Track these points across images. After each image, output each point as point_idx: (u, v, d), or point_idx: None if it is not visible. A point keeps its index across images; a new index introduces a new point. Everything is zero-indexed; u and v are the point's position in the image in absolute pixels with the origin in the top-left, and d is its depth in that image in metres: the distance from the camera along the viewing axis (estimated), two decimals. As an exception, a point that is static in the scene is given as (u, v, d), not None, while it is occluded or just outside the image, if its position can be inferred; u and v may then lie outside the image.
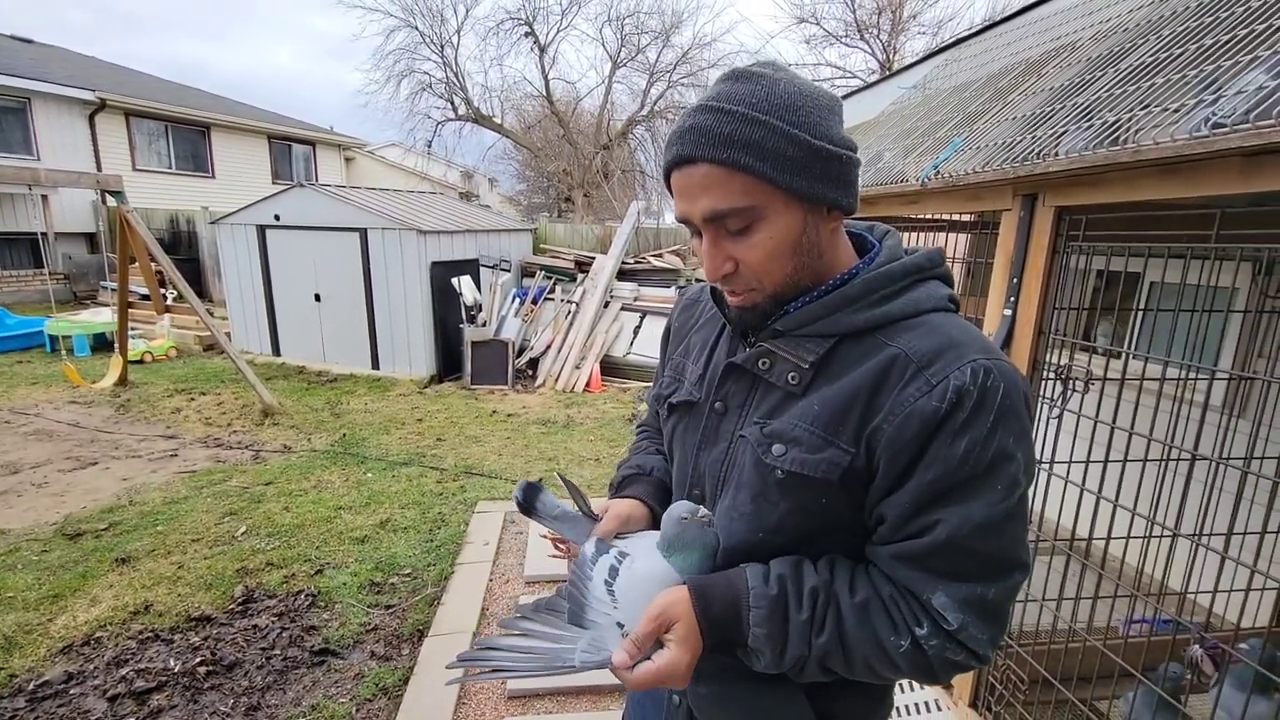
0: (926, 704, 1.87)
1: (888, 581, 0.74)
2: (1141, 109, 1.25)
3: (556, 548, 0.98)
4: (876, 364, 0.73)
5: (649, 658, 0.71)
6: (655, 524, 0.94)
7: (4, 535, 3.49)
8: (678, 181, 0.75)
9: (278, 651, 2.61)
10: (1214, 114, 1.13)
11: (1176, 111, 1.18)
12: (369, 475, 4.48)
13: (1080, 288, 1.49)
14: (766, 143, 0.69)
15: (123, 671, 2.45)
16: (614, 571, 0.78)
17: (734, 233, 0.74)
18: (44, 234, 8.33)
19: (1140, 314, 1.52)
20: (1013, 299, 1.43)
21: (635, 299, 7.92)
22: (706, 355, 0.92)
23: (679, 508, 0.76)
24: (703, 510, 0.75)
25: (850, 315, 0.76)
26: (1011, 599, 0.71)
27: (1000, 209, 1.50)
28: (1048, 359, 1.43)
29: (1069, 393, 1.38)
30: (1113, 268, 1.49)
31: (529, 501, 0.92)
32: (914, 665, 0.71)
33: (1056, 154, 1.26)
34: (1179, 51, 1.40)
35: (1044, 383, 1.43)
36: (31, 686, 2.37)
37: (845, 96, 6.47)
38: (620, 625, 0.74)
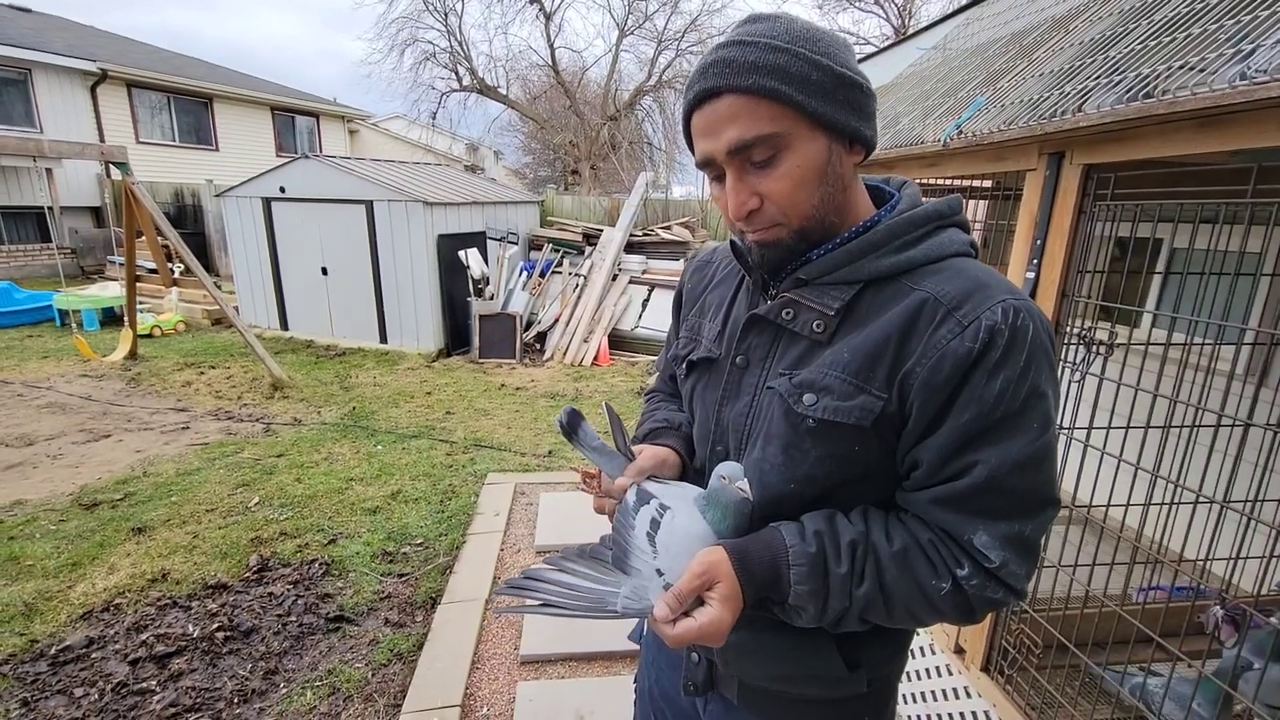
0: (938, 669, 1.88)
1: (924, 527, 0.74)
2: (1177, 61, 1.20)
3: (585, 482, 0.97)
4: (905, 308, 0.73)
5: (689, 614, 0.71)
6: (685, 474, 0.93)
7: (21, 505, 3.54)
8: (700, 121, 0.74)
9: (293, 618, 2.66)
10: (1249, 67, 1.08)
11: (1204, 71, 1.14)
12: (379, 448, 4.51)
13: (1103, 251, 1.46)
14: (791, 67, 0.70)
15: (143, 636, 2.50)
16: (655, 524, 0.78)
17: (759, 165, 0.73)
18: (50, 208, 8.31)
19: (1165, 278, 1.49)
20: (1036, 261, 1.40)
21: (644, 272, 7.86)
22: (725, 312, 0.91)
23: (725, 467, 0.76)
24: (743, 484, 0.74)
25: (874, 261, 0.76)
26: (1044, 534, 0.73)
27: (1025, 169, 1.45)
28: (1070, 323, 1.40)
29: (1092, 357, 1.35)
30: (1139, 234, 1.45)
31: (572, 426, 0.92)
32: (955, 607, 0.72)
33: (1086, 109, 1.21)
34: (1215, 1, 1.34)
35: (1066, 347, 1.40)
36: (53, 651, 2.41)
37: (860, 61, 6.33)
38: (660, 573, 0.74)
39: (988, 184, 2.27)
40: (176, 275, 8.32)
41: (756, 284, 0.87)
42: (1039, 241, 1.40)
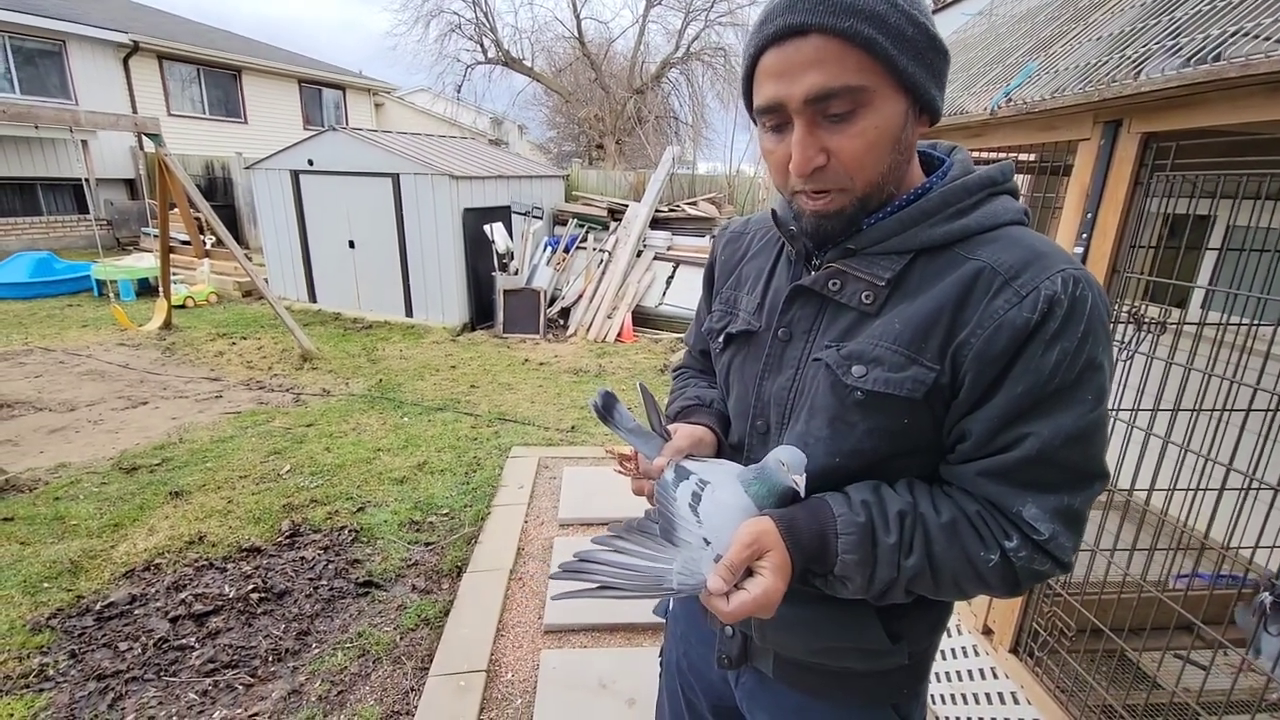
0: (965, 649, 1.87)
1: (970, 499, 0.73)
2: (1249, 22, 1.13)
3: (622, 465, 0.97)
4: (960, 277, 0.70)
5: (741, 586, 0.69)
6: (720, 452, 0.92)
7: (65, 468, 3.66)
8: (776, 59, 0.68)
9: (324, 582, 2.72)
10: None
11: (1270, 39, 1.06)
12: (405, 419, 4.57)
13: (1155, 228, 1.40)
14: (889, 17, 0.64)
15: (182, 595, 2.58)
16: (696, 497, 0.77)
17: (834, 119, 0.68)
18: (86, 180, 8.51)
19: (1221, 255, 1.42)
20: (1085, 235, 1.34)
21: (669, 248, 7.79)
22: (764, 283, 0.88)
23: (787, 453, 0.74)
24: (800, 478, 0.72)
25: (927, 230, 0.73)
26: (1091, 506, 0.71)
27: (1077, 139, 1.39)
28: (1119, 301, 1.35)
29: (1142, 335, 1.30)
30: (1198, 211, 1.38)
31: (607, 408, 0.91)
32: (1002, 579, 0.71)
33: (1149, 74, 1.15)
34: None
35: (1114, 326, 1.35)
36: (98, 607, 2.51)
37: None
38: (707, 542, 0.73)
39: (1026, 157, 2.19)
40: (208, 247, 8.46)
41: (799, 254, 0.84)
42: (1090, 215, 1.34)
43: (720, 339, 0.93)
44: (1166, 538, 1.57)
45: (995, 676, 1.72)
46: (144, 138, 5.76)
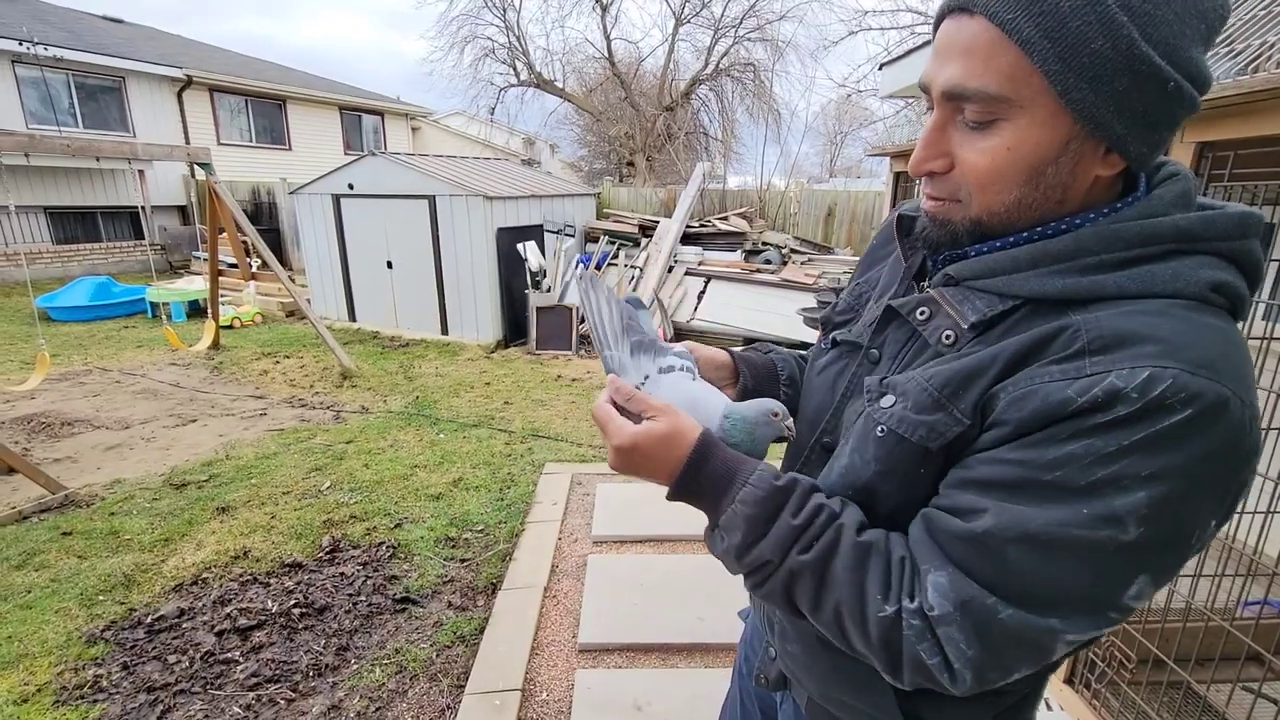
0: (1016, 679, 1.79)
1: (905, 544, 0.63)
2: (1309, 25, 1.09)
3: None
4: (1040, 332, 0.57)
5: (626, 413, 0.72)
6: (735, 382, 0.93)
7: (120, 484, 3.80)
8: (942, 33, 0.59)
9: (363, 598, 2.76)
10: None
11: None
12: (441, 436, 4.64)
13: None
14: (1072, 20, 0.51)
15: (227, 609, 2.65)
16: (670, 370, 0.81)
17: (969, 125, 0.58)
18: (142, 207, 8.96)
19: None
20: (1137, 248, 1.29)
21: (700, 263, 7.80)
22: (886, 296, 0.79)
23: (775, 404, 0.75)
24: (789, 423, 0.75)
25: (1045, 277, 0.58)
26: (1033, 643, 0.54)
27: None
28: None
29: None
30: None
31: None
32: (885, 642, 0.60)
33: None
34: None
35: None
36: (149, 620, 2.59)
37: (927, 44, 6.02)
38: (646, 377, 0.79)
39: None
40: (254, 270, 8.76)
41: (910, 269, 0.75)
42: (1141, 226, 1.29)
43: (829, 339, 0.83)
44: (1234, 563, 1.49)
45: (1049, 709, 1.65)
46: (195, 166, 6.02)
